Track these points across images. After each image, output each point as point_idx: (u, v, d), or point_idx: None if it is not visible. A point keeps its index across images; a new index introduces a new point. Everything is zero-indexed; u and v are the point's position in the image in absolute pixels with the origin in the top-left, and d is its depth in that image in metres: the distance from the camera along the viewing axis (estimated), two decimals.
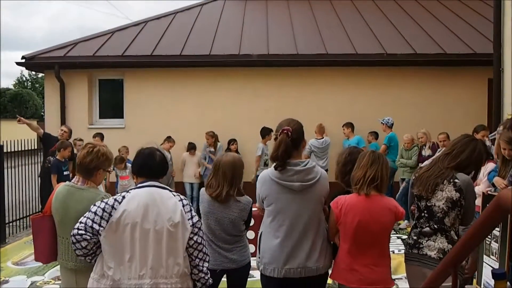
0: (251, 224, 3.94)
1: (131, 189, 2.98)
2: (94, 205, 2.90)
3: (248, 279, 3.93)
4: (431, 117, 10.02)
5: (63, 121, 10.73)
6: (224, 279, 3.80)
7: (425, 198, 3.29)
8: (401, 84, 10.51)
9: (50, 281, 6.09)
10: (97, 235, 2.83)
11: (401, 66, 10.48)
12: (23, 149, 9.18)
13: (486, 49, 9.43)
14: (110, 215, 2.83)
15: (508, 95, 7.70)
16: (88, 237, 2.82)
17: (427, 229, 3.28)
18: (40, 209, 9.21)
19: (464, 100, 10.29)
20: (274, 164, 3.18)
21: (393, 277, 3.37)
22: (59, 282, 5.93)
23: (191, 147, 9.84)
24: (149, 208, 2.86)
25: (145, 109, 10.83)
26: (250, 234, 4.45)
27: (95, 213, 2.84)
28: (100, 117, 11.35)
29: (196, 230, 2.95)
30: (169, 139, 9.87)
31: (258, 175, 9.18)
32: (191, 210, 2.99)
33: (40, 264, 6.60)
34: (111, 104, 11.46)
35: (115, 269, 2.82)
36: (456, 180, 3.25)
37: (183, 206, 2.95)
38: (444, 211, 3.26)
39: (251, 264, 3.82)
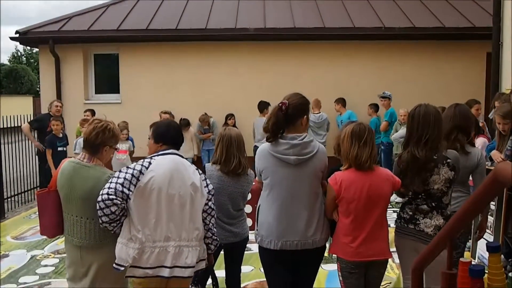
0: (249, 198, 3.97)
1: (154, 156, 3.12)
2: (121, 171, 3.02)
3: (246, 252, 3.98)
4: (429, 91, 9.97)
5: (58, 97, 10.66)
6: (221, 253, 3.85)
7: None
8: (398, 59, 10.45)
9: (50, 255, 6.15)
10: (127, 200, 2.94)
11: (399, 40, 10.40)
12: (19, 125, 9.14)
13: (485, 22, 9.35)
14: (138, 180, 2.97)
15: (507, 69, 7.67)
16: (119, 202, 2.91)
17: (425, 206, 3.29)
18: (38, 186, 9.25)
19: (463, 74, 10.26)
20: (266, 136, 3.18)
21: (390, 249, 3.40)
22: (59, 256, 6.01)
23: (185, 124, 9.72)
24: (174, 174, 3.04)
25: (141, 84, 10.76)
26: (248, 208, 4.48)
27: (124, 178, 2.95)
28: (96, 93, 11.29)
29: (210, 197, 3.21)
30: (166, 113, 9.82)
31: None
32: (205, 178, 3.24)
33: (39, 238, 6.68)
34: (107, 79, 11.39)
35: (142, 232, 2.96)
36: (448, 160, 3.27)
37: (200, 174, 3.19)
38: (443, 191, 3.29)
39: (249, 238, 3.86)
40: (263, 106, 9.71)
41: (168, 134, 3.25)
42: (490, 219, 4.62)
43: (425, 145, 3.21)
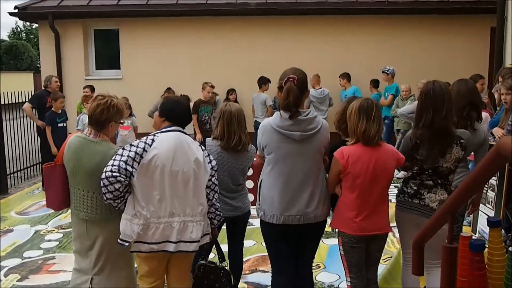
0: (250, 174, 3.98)
1: (157, 133, 3.12)
2: (124, 148, 3.02)
3: (248, 227, 4.01)
4: (431, 67, 9.91)
5: (59, 73, 10.62)
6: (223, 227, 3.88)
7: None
8: (401, 33, 10.35)
9: (53, 230, 6.21)
10: (130, 177, 2.95)
11: (401, 14, 10.27)
12: (20, 101, 9.11)
13: None
14: (142, 157, 2.98)
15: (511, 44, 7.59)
16: (122, 179, 2.93)
17: (430, 182, 3.30)
18: (40, 161, 9.27)
19: (466, 49, 10.16)
20: (288, 113, 3.14)
21: (391, 225, 3.42)
22: (62, 231, 6.07)
23: (185, 99, 9.57)
24: (177, 151, 3.05)
25: (141, 60, 10.70)
26: (249, 184, 4.50)
27: (127, 155, 2.96)
28: (96, 68, 11.23)
29: (214, 172, 3.23)
30: (169, 90, 9.79)
31: None
32: (208, 155, 3.25)
33: (42, 213, 6.74)
34: (107, 55, 11.32)
35: (147, 209, 2.99)
36: (462, 141, 3.28)
37: (203, 150, 3.21)
38: (451, 170, 3.30)
39: (251, 212, 3.89)
40: (262, 82, 9.68)
41: (173, 111, 3.22)
42: (491, 194, 4.64)
43: (444, 120, 3.21)
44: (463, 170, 3.69)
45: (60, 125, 8.07)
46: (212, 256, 3.90)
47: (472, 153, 3.80)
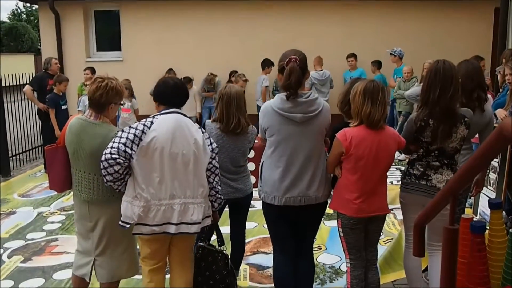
0: (251, 156, 3.98)
1: (156, 115, 3.11)
2: (123, 130, 3.02)
3: (250, 209, 4.02)
4: (435, 48, 9.79)
5: (60, 55, 10.57)
6: (226, 209, 3.89)
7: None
8: (404, 15, 10.24)
9: (56, 212, 6.24)
10: (130, 159, 2.96)
11: None
12: (21, 83, 9.08)
13: None
14: (140, 139, 2.98)
15: None
16: (122, 161, 2.93)
17: (436, 163, 3.29)
18: (42, 144, 9.27)
19: (469, 30, 10.06)
20: (286, 93, 3.14)
21: (390, 207, 3.43)
22: (65, 213, 6.10)
23: (187, 81, 9.44)
24: (176, 133, 3.04)
25: (142, 42, 10.64)
26: (251, 166, 4.50)
27: (126, 138, 2.96)
28: (97, 50, 11.17)
29: (214, 155, 3.21)
30: (170, 71, 9.75)
31: None
32: (209, 137, 3.23)
33: (45, 196, 6.77)
34: (108, 37, 11.24)
35: (147, 191, 3.00)
36: (466, 119, 3.27)
37: (203, 133, 3.19)
38: (457, 149, 3.30)
39: (253, 195, 3.89)
40: (266, 64, 9.64)
41: (163, 95, 3.21)
42: (493, 176, 4.64)
43: (451, 100, 3.19)
44: (468, 152, 3.68)
45: (63, 107, 8.07)
46: (213, 238, 3.92)
47: (477, 135, 3.79)
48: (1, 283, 4.31)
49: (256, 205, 5.18)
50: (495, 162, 4.57)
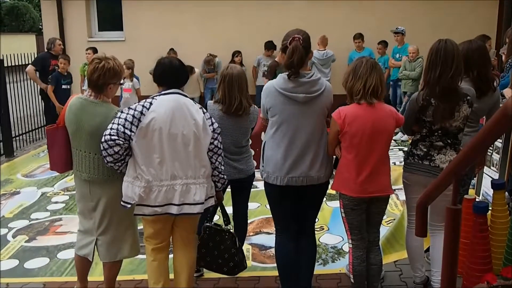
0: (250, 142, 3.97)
1: (155, 96, 3.10)
2: (122, 111, 3.02)
3: (252, 189, 4.03)
4: (440, 28, 9.64)
5: (61, 35, 10.50)
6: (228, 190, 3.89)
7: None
8: None
9: (60, 192, 6.27)
10: (129, 141, 2.96)
11: None
12: (23, 63, 9.05)
13: None
14: (140, 120, 2.97)
15: None
16: (121, 142, 2.93)
17: (440, 143, 3.28)
18: (45, 124, 9.28)
19: (474, 9, 9.90)
20: (288, 72, 3.12)
21: (393, 187, 3.42)
22: (68, 193, 6.13)
23: (189, 69, 9.34)
24: (175, 113, 3.02)
25: (144, 21, 10.53)
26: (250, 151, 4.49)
27: (125, 119, 2.96)
28: (99, 30, 11.09)
29: (216, 135, 3.19)
30: (170, 51, 9.68)
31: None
32: (210, 117, 3.21)
33: (48, 176, 6.80)
34: (110, 16, 11.14)
35: (148, 172, 3.00)
36: (468, 98, 3.24)
37: (204, 113, 3.16)
38: (460, 128, 3.28)
39: (255, 175, 3.89)
40: (267, 46, 9.65)
41: (161, 76, 3.20)
42: (496, 156, 4.62)
43: (452, 80, 3.16)
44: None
45: (64, 86, 8.06)
46: (217, 218, 3.94)
47: (484, 117, 3.77)
48: (7, 262, 4.36)
49: (259, 185, 5.19)
50: (498, 143, 4.55)
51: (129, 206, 3.07)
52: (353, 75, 3.12)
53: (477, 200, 3.80)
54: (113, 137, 2.92)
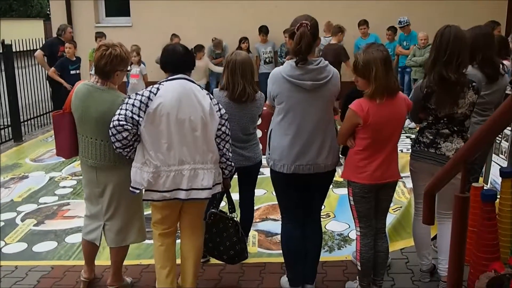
0: (258, 123, 3.95)
1: (162, 82, 3.10)
2: (130, 97, 3.03)
3: (258, 176, 4.02)
4: (449, 13, 9.50)
5: (69, 20, 10.52)
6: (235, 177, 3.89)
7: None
8: None
9: (68, 177, 6.31)
10: (137, 126, 2.96)
11: None
12: (31, 48, 9.06)
13: None
14: (147, 105, 2.97)
15: None
16: (129, 127, 2.94)
17: (446, 131, 3.25)
18: (52, 109, 9.32)
19: None
20: (296, 59, 3.09)
21: (400, 175, 3.40)
22: (76, 178, 6.17)
23: (198, 49, 9.12)
24: (183, 99, 3.02)
25: (151, 7, 10.50)
26: (258, 133, 4.48)
27: (133, 104, 2.96)
28: (106, 16, 11.06)
29: (223, 121, 3.18)
30: (175, 36, 9.65)
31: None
32: (217, 103, 3.20)
33: (56, 161, 6.84)
34: (117, 2, 11.11)
35: (156, 157, 3.00)
36: (474, 84, 3.21)
37: (211, 99, 3.15)
38: (466, 115, 3.25)
39: (262, 162, 3.89)
40: (264, 30, 9.73)
41: (167, 63, 3.20)
42: (505, 144, 4.58)
43: (458, 68, 3.12)
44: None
45: (72, 72, 8.08)
46: (223, 204, 3.95)
47: None
48: (15, 246, 4.40)
49: (265, 172, 5.18)
50: (507, 130, 4.51)
51: (137, 191, 3.08)
52: (373, 66, 2.99)
53: (485, 188, 3.78)
54: (121, 122, 2.92)
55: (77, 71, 8.16)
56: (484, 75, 3.59)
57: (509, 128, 4.47)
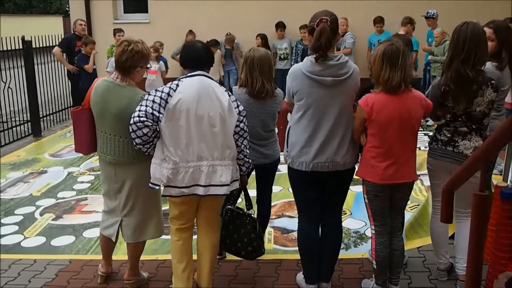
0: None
1: (181, 78, 3.12)
2: (149, 94, 3.05)
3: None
4: (466, 10, 9.34)
5: (88, 17, 10.61)
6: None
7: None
8: None
9: (86, 172, 6.38)
10: (157, 122, 2.99)
11: None
12: (50, 45, 9.16)
13: None
14: (167, 102, 3.00)
15: None
16: (150, 123, 2.96)
17: (464, 128, 3.21)
18: (71, 105, 9.42)
19: None
20: (316, 55, 3.07)
21: (418, 173, 3.37)
22: (94, 173, 6.23)
23: (212, 43, 9.04)
24: (202, 95, 3.04)
25: (169, 3, 10.52)
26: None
27: (153, 101, 2.98)
28: (124, 12, 11.14)
29: (242, 118, 3.20)
30: (190, 32, 9.68)
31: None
32: (236, 100, 3.22)
33: (75, 156, 6.92)
34: None
35: (175, 153, 3.02)
36: (493, 82, 3.16)
37: (229, 96, 3.17)
38: (485, 113, 3.20)
39: (280, 160, 3.88)
40: (281, 25, 9.71)
41: (186, 59, 3.24)
42: None
43: (474, 66, 3.08)
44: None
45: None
46: (240, 201, 3.95)
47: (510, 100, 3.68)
48: (34, 239, 4.47)
49: (282, 169, 5.17)
50: None
51: (157, 188, 3.11)
52: (383, 63, 2.99)
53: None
54: (141, 119, 2.94)
55: (94, 66, 8.23)
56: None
57: None
